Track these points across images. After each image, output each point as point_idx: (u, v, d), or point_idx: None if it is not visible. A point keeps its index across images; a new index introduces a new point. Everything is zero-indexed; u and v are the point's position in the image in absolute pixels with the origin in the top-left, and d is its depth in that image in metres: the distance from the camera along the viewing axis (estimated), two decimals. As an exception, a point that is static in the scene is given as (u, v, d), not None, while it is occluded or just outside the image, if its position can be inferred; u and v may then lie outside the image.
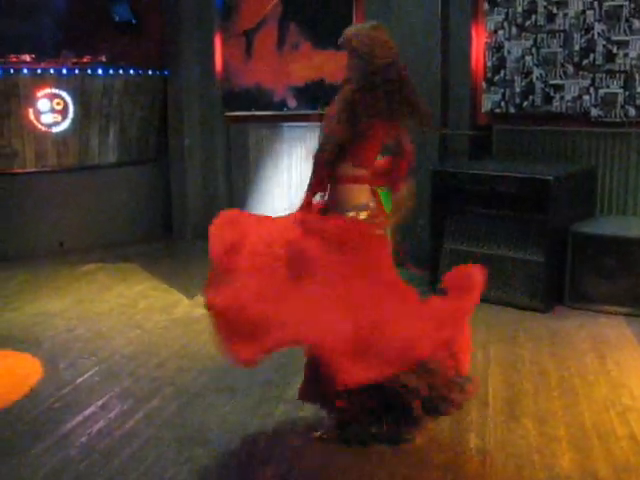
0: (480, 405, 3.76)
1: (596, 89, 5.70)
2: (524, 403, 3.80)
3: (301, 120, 7.23)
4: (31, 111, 7.14)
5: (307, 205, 3.40)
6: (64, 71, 7.28)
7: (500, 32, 6.09)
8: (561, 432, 3.48)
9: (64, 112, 7.29)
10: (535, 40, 5.93)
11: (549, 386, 4.01)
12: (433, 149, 6.27)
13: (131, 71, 7.72)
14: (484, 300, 5.43)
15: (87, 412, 3.82)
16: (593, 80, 5.69)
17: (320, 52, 6.97)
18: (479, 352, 4.51)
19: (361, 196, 3.34)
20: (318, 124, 7.03)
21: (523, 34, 5.97)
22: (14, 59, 7.16)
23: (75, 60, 7.46)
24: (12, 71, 7.04)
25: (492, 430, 3.51)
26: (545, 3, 5.83)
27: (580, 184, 5.68)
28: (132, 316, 5.41)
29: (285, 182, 7.49)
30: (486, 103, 6.24)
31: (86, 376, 4.30)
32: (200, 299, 5.33)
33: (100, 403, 3.93)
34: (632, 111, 5.58)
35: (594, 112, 5.72)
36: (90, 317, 5.41)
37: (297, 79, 7.24)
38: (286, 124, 7.41)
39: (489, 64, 6.18)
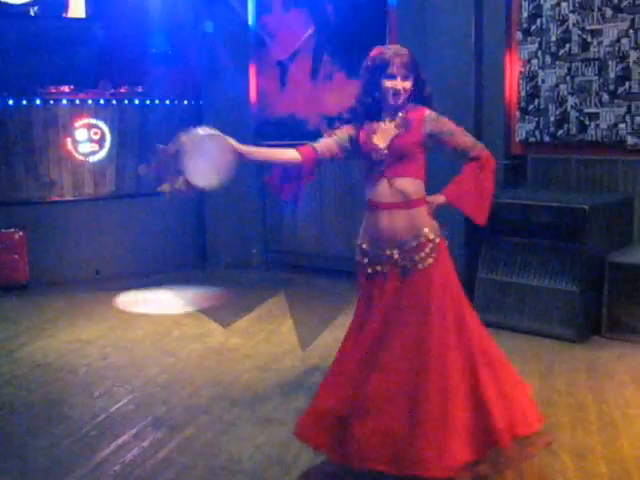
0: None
1: (632, 117, 5.65)
2: (561, 437, 3.72)
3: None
4: (69, 141, 7.28)
5: None
6: (101, 101, 7.42)
7: (534, 61, 6.08)
8: (602, 468, 3.39)
9: (101, 142, 7.42)
10: (569, 69, 5.91)
11: (587, 420, 3.92)
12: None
13: (167, 101, 7.84)
14: (518, 331, 5.43)
15: (121, 441, 3.83)
16: (629, 108, 5.65)
17: (354, 82, 7.01)
18: (515, 384, 4.45)
19: None
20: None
21: (557, 63, 5.96)
22: (53, 90, 7.32)
23: (112, 91, 7.60)
24: (51, 102, 7.20)
25: (529, 464, 3.42)
26: (579, 32, 5.82)
27: (616, 213, 5.61)
28: (166, 344, 5.43)
29: (316, 210, 7.51)
30: (520, 132, 6.22)
31: (120, 404, 4.31)
32: (234, 327, 5.38)
33: (134, 432, 3.94)
34: (669, 139, 5.53)
35: (630, 140, 5.66)
36: (124, 345, 5.44)
37: (331, 109, 7.29)
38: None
39: (523, 93, 6.17)
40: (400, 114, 3.22)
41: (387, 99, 3.20)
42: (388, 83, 3.17)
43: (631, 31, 5.57)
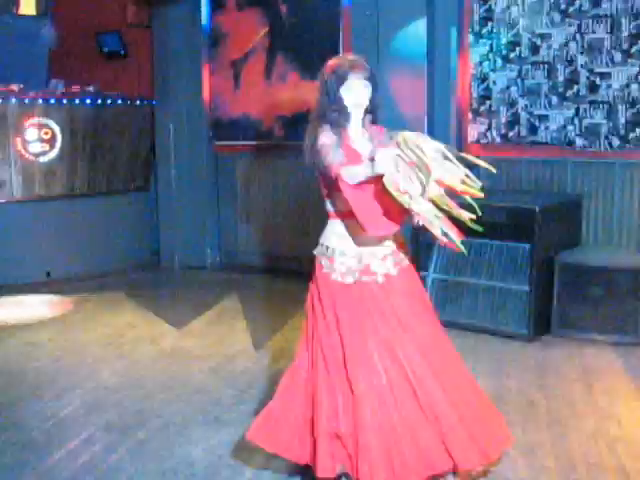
0: (468, 436, 3.74)
1: (580, 119, 5.77)
2: (512, 434, 3.77)
3: (288, 150, 7.26)
4: (19, 140, 7.15)
5: None
6: (52, 101, 7.29)
7: (485, 63, 6.17)
8: (550, 463, 3.46)
9: (52, 141, 7.30)
10: (520, 71, 6.01)
11: (537, 417, 3.99)
12: (419, 179, 6.30)
13: (119, 101, 7.75)
14: (470, 330, 5.49)
15: (71, 445, 3.76)
16: (577, 111, 5.77)
17: (307, 83, 7.02)
18: (467, 382, 4.50)
19: None
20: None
21: (508, 65, 6.05)
22: (2, 89, 7.17)
23: (63, 90, 7.48)
24: (0, 100, 7.05)
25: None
26: (529, 35, 5.92)
27: (566, 213, 5.72)
28: (118, 346, 5.37)
29: (269, 211, 7.52)
30: (472, 133, 6.30)
31: (71, 408, 4.24)
32: (186, 329, 5.33)
33: (85, 436, 3.87)
34: (616, 141, 5.64)
35: (579, 142, 5.79)
36: (76, 347, 5.36)
37: (284, 109, 7.29)
38: (273, 154, 7.45)
39: (475, 95, 6.25)
40: (366, 127, 3.18)
41: (348, 110, 3.13)
42: (350, 95, 3.10)
43: (578, 36, 5.70)
